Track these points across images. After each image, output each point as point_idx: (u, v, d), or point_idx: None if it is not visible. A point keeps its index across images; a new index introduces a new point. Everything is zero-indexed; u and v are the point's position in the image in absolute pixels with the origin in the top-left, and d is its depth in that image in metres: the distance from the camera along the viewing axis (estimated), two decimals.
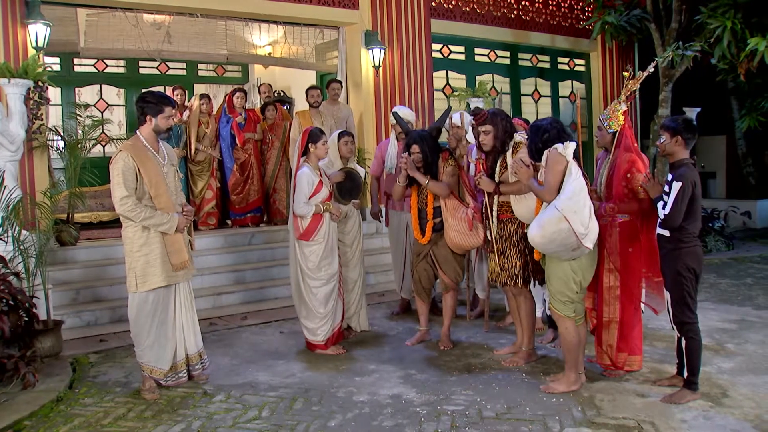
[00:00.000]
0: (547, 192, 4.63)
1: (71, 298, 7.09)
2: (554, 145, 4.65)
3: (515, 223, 5.28)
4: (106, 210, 9.70)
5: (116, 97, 11.26)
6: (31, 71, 6.89)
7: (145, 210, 4.71)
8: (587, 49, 13.00)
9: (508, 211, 5.29)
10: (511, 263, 5.30)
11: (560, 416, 4.41)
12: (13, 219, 5.80)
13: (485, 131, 5.17)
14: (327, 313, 5.87)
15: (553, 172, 4.62)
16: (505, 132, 5.19)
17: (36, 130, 7.30)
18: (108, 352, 6.09)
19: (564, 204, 4.51)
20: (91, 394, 5.04)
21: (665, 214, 4.53)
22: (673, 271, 4.61)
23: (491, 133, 5.17)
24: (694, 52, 10.37)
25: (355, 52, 10.09)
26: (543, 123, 4.81)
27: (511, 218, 5.29)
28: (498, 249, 5.37)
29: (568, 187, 4.55)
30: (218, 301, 7.63)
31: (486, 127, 5.17)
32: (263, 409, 4.67)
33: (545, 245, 4.65)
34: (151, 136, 4.87)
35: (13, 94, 6.73)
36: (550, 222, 4.53)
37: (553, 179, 4.62)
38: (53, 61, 9.91)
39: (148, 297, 4.83)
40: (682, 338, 4.64)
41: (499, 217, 5.33)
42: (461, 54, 11.59)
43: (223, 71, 12.32)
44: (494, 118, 5.16)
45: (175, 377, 5.00)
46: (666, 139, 4.65)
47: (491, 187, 5.23)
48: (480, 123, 5.20)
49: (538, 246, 4.74)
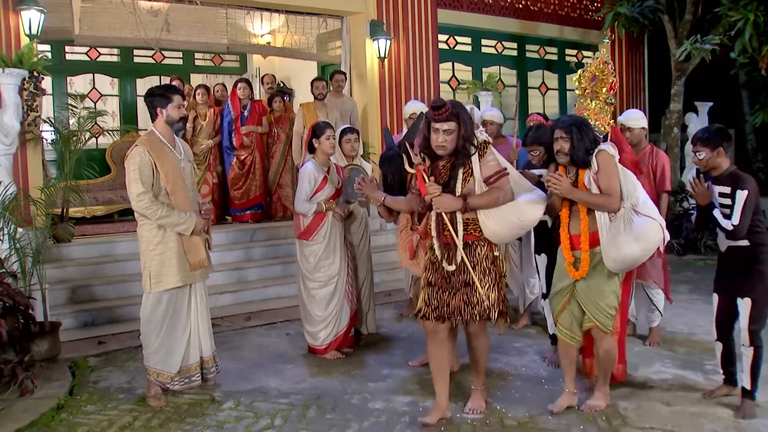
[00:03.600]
0: (615, 200, 4.26)
1: (67, 298, 6.97)
2: (600, 146, 4.34)
3: (484, 245, 4.30)
4: (99, 204, 9.62)
5: (110, 86, 11.15)
6: (26, 61, 6.76)
7: (161, 208, 4.62)
8: (596, 41, 12.89)
9: (476, 230, 4.26)
10: (483, 297, 4.23)
11: (585, 426, 4.33)
12: (9, 216, 5.67)
13: (447, 129, 4.11)
14: (327, 317, 5.75)
15: (613, 176, 4.29)
16: (471, 132, 4.24)
17: (31, 123, 7.16)
18: (108, 355, 5.97)
19: (656, 213, 4.30)
20: (93, 400, 4.92)
21: (734, 225, 4.31)
22: (761, 283, 4.39)
23: (455, 133, 4.13)
24: (713, 46, 10.29)
25: (359, 43, 9.98)
26: (581, 120, 4.45)
27: (479, 239, 4.28)
28: (461, 281, 4.29)
29: (641, 194, 4.31)
30: (219, 300, 7.51)
31: (450, 124, 4.11)
32: (275, 417, 4.57)
33: (640, 260, 4.34)
34: (167, 130, 4.78)
35: (8, 85, 6.58)
36: (652, 232, 4.22)
37: (616, 184, 4.29)
38: (44, 49, 9.72)
39: (162, 297, 4.73)
40: (751, 347, 4.43)
41: (463, 238, 4.25)
42: (468, 45, 11.50)
43: (220, 61, 12.19)
44: (460, 114, 4.15)
45: (187, 381, 4.90)
46: (706, 153, 4.41)
47: (457, 204, 4.17)
48: (441, 119, 4.09)
49: (634, 263, 4.35)
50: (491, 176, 4.19)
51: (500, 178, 4.20)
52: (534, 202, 4.32)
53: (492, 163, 4.22)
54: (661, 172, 5.90)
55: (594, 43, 12.98)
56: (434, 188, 4.16)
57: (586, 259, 4.36)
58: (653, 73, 13.60)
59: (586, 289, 4.43)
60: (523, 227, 4.40)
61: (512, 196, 4.24)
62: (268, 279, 8.16)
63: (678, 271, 8.68)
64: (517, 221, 4.26)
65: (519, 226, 4.32)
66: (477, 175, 4.19)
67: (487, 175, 4.19)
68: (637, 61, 13.36)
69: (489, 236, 4.26)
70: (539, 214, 4.33)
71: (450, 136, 4.11)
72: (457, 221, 4.21)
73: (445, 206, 4.16)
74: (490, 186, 4.19)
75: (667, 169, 5.91)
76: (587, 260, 4.36)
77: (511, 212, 4.22)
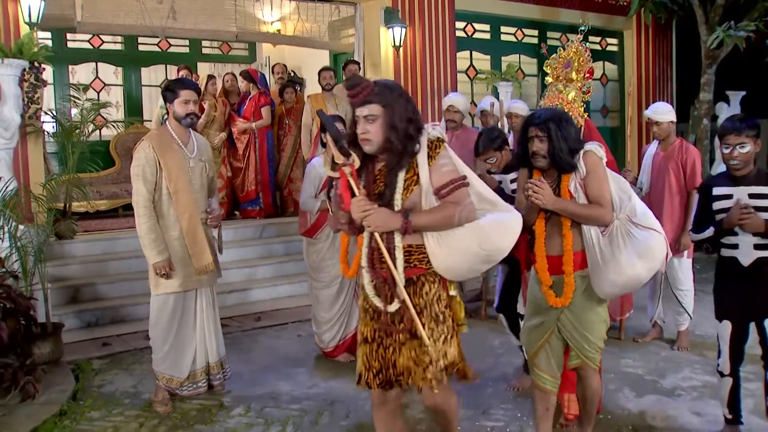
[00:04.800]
0: (608, 211, 3.65)
1: (70, 297, 6.99)
2: (586, 146, 3.70)
3: (435, 282, 3.26)
4: (103, 198, 9.62)
5: (113, 76, 11.14)
6: (27, 51, 6.74)
7: (149, 220, 4.61)
8: (621, 27, 12.79)
9: (422, 261, 3.23)
10: (434, 354, 3.17)
11: None
12: (9, 214, 5.67)
13: (369, 116, 3.13)
14: (331, 319, 5.75)
15: (604, 182, 3.68)
16: (410, 121, 3.15)
17: (32, 115, 7.16)
18: (113, 358, 5.99)
19: (658, 224, 3.72)
20: (98, 406, 4.93)
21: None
22: None
23: (379, 120, 3.12)
24: (748, 33, 10.15)
25: (373, 31, 9.92)
26: (560, 113, 3.75)
27: (427, 273, 3.25)
28: (403, 329, 3.23)
29: (637, 202, 3.76)
30: (228, 300, 7.51)
31: (371, 108, 3.12)
32: (287, 424, 4.57)
33: (644, 281, 3.75)
34: (179, 126, 4.76)
35: (7, 76, 6.55)
36: (659, 247, 3.64)
37: (608, 191, 3.68)
38: (44, 36, 9.76)
39: (168, 300, 4.73)
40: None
41: (405, 273, 3.21)
42: (486, 33, 11.41)
43: (228, 49, 12.18)
44: (387, 94, 3.14)
45: (193, 386, 4.90)
46: (751, 147, 3.90)
47: (394, 223, 3.12)
48: (358, 101, 3.16)
49: (637, 285, 3.79)
50: (444, 186, 3.17)
51: (456, 189, 3.17)
52: (504, 224, 3.30)
53: (446, 169, 3.20)
54: (692, 167, 5.83)
55: (619, 29, 12.87)
56: (362, 201, 3.12)
57: (570, 284, 3.68)
58: (682, 61, 13.46)
59: (573, 320, 3.77)
60: (488, 259, 3.31)
61: (473, 214, 3.22)
62: (279, 277, 8.16)
63: (707, 270, 8.57)
64: (479, 251, 3.23)
65: (481, 258, 3.27)
66: (424, 184, 3.16)
67: (440, 185, 3.17)
68: (664, 48, 13.23)
69: (440, 270, 3.25)
70: (511, 241, 3.31)
71: (374, 125, 3.12)
72: (396, 247, 3.17)
73: (378, 225, 3.11)
74: (442, 200, 3.18)
75: (698, 165, 5.84)
76: (572, 285, 3.68)
77: (471, 238, 3.20)
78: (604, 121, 13.07)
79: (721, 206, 3.99)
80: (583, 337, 3.77)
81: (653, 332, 6.21)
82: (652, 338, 6.17)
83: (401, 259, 3.18)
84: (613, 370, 5.41)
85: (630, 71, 12.91)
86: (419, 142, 3.20)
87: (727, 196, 3.97)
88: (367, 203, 3.11)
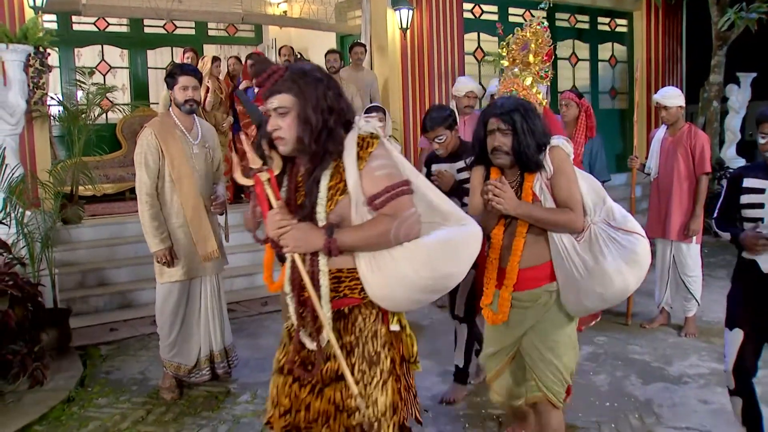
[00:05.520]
0: (579, 215, 3.17)
1: (77, 282, 7.03)
2: (552, 140, 3.23)
3: (371, 314, 2.61)
4: (110, 182, 9.63)
5: (119, 58, 11.10)
6: (31, 36, 6.72)
7: (152, 208, 4.60)
8: (630, 8, 12.68)
9: (355, 290, 2.58)
10: (361, 402, 2.56)
11: (616, 424, 4.32)
12: (16, 200, 5.68)
13: (279, 108, 2.50)
14: None
15: (574, 181, 3.21)
16: (328, 111, 2.51)
17: (38, 101, 7.15)
18: (120, 344, 6.02)
19: (640, 227, 3.30)
20: (105, 393, 4.96)
21: None
22: None
23: (291, 113, 2.49)
24: (760, 14, 10.04)
25: (380, 13, 9.86)
26: (525, 104, 3.27)
27: (361, 303, 2.60)
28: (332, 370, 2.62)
29: (614, 205, 3.32)
30: (234, 284, 7.53)
31: (281, 99, 2.50)
32: None
33: (631, 292, 3.31)
34: (182, 113, 4.73)
35: (12, 61, 6.55)
36: (645, 253, 3.23)
37: (578, 192, 3.21)
38: (50, 19, 9.72)
39: (173, 288, 4.73)
40: None
41: (333, 303, 2.58)
42: (494, 14, 11.31)
43: (234, 30, 12.11)
44: (300, 80, 2.49)
45: (198, 374, 4.91)
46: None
47: (316, 241, 2.48)
48: (267, 91, 2.52)
49: (623, 297, 3.33)
50: (379, 195, 2.49)
51: (395, 197, 2.49)
52: (456, 243, 2.59)
53: (381, 172, 2.51)
54: (701, 153, 5.80)
55: (628, 10, 12.75)
56: (278, 216, 2.51)
57: (505, 299, 3.24)
58: (692, 42, 13.35)
59: (539, 343, 3.28)
60: (433, 288, 2.60)
61: (416, 229, 2.52)
62: None
63: (716, 254, 8.56)
64: (420, 278, 2.52)
65: (424, 287, 2.56)
66: (353, 192, 2.50)
67: (373, 193, 2.49)
68: (674, 29, 13.10)
69: (376, 300, 2.59)
70: (465, 265, 2.62)
71: (285, 120, 2.50)
72: (321, 272, 2.55)
73: (297, 244, 2.48)
74: (377, 211, 2.51)
75: (706, 150, 5.81)
76: (507, 300, 3.24)
77: (411, 261, 2.50)
78: (612, 103, 13.00)
79: (750, 200, 3.53)
80: (548, 364, 3.27)
81: (660, 318, 6.20)
82: (659, 324, 6.17)
83: (326, 287, 2.55)
84: (620, 356, 5.43)
85: (639, 52, 12.80)
86: (338, 141, 2.53)
87: (759, 190, 3.50)
88: (285, 218, 2.50)
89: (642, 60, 12.68)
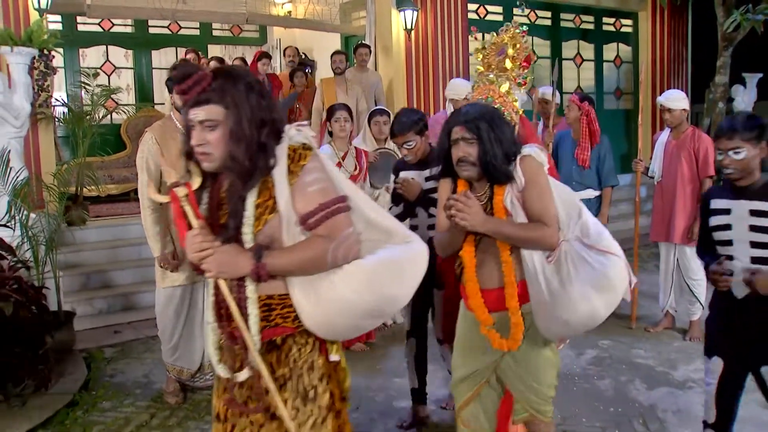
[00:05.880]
0: (553, 231, 2.89)
1: (81, 284, 7.04)
2: (523, 150, 2.99)
3: (308, 345, 2.39)
4: (114, 183, 9.64)
5: (123, 59, 11.11)
6: (36, 38, 6.72)
7: (154, 212, 4.60)
8: (636, 8, 12.65)
9: (288, 318, 2.35)
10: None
11: (620, 429, 4.31)
12: (20, 203, 5.69)
13: (206, 121, 2.26)
14: None
15: (547, 194, 2.95)
16: (262, 124, 2.28)
17: (42, 103, 7.16)
18: (124, 346, 6.04)
19: (617, 246, 2.98)
20: (109, 396, 4.98)
21: None
22: None
23: (221, 127, 2.26)
24: (766, 16, 10.01)
25: (384, 13, 9.83)
26: (493, 111, 3.03)
27: (295, 332, 2.37)
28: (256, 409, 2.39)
29: (590, 218, 3.02)
30: None
31: (209, 110, 2.26)
32: None
33: (602, 319, 2.98)
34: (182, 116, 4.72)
35: (17, 64, 6.55)
36: (619, 276, 2.91)
37: (552, 206, 2.94)
38: (55, 20, 9.75)
39: (174, 293, 4.72)
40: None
41: (263, 333, 2.34)
42: (499, 15, 11.29)
43: (239, 31, 12.13)
44: (231, 89, 2.26)
45: (201, 378, 4.92)
46: (748, 151, 3.11)
47: (243, 266, 2.24)
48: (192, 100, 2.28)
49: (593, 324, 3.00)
50: (312, 213, 2.29)
51: (330, 216, 2.30)
52: (400, 264, 2.40)
53: (315, 188, 2.30)
54: (704, 156, 5.80)
55: (634, 10, 12.72)
56: (199, 237, 2.27)
57: (519, 324, 2.95)
58: (697, 42, 13.32)
59: (517, 367, 3.06)
60: (378, 313, 2.45)
61: (355, 250, 2.33)
62: None
63: None
64: (363, 302, 2.34)
65: (367, 311, 2.38)
66: (284, 211, 2.28)
67: (306, 212, 2.29)
68: (680, 29, 13.07)
69: (312, 329, 2.37)
70: (411, 287, 2.44)
71: (214, 134, 2.26)
72: (248, 299, 2.31)
73: (221, 269, 2.26)
74: (311, 231, 2.31)
75: (710, 153, 5.79)
76: (520, 324, 2.96)
77: (352, 284, 2.31)
78: (617, 103, 12.98)
79: (718, 222, 3.26)
80: (530, 387, 3.06)
81: (665, 322, 6.19)
82: (663, 328, 6.16)
83: (256, 316, 2.31)
84: (625, 361, 5.42)
85: (644, 53, 12.77)
86: (270, 155, 2.29)
87: (725, 211, 3.24)
88: (206, 239, 2.25)
89: (647, 61, 12.63)
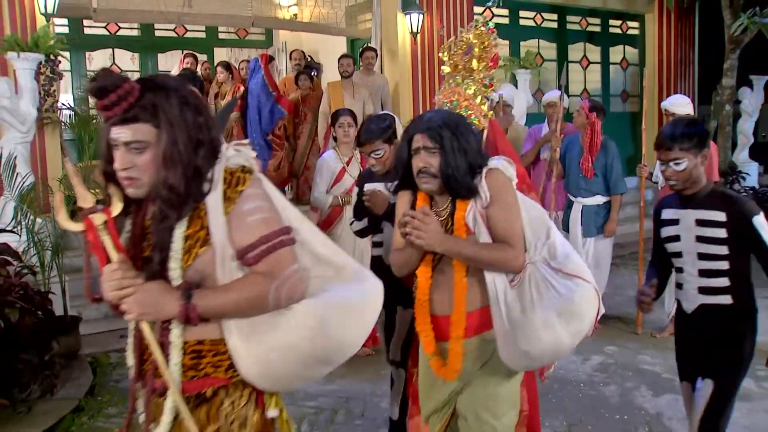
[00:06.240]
0: (519, 252, 2.64)
1: None
2: (490, 162, 2.72)
3: (242, 397, 2.07)
4: None
5: (130, 62, 11.14)
6: (42, 44, 6.75)
7: None
8: (642, 10, 12.63)
9: (220, 366, 2.03)
10: None
11: None
12: (27, 209, 5.71)
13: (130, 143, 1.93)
14: None
15: (514, 212, 2.69)
16: (201, 144, 1.98)
17: (48, 108, 7.18)
18: None
19: (586, 269, 2.73)
20: (115, 402, 4.99)
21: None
22: (734, 356, 3.07)
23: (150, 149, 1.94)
24: None
25: (390, 17, 9.85)
26: (457, 118, 2.79)
27: (228, 383, 2.05)
28: None
29: (558, 238, 2.76)
30: None
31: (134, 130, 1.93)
32: (302, 422, 4.60)
33: (568, 350, 2.71)
34: None
35: (23, 70, 6.59)
36: (587, 303, 2.65)
37: (519, 225, 2.69)
38: (61, 23, 9.78)
39: None
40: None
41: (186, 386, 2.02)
42: (505, 17, 11.29)
43: (245, 34, 12.14)
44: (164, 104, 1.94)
45: None
46: (689, 162, 3.01)
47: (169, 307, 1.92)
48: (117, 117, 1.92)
49: (557, 355, 2.77)
50: (252, 247, 1.98)
51: (272, 250, 1.99)
52: (353, 304, 2.14)
53: (255, 218, 1.99)
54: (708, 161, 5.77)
55: (640, 12, 12.70)
56: (119, 272, 1.93)
57: (456, 352, 2.70)
58: (704, 45, 13.28)
59: (473, 400, 2.78)
60: (327, 360, 2.13)
61: (301, 289, 2.03)
62: None
63: None
64: (311, 348, 2.05)
65: (315, 358, 2.09)
66: (218, 243, 1.96)
67: (244, 245, 1.98)
68: (687, 32, 13.04)
69: (250, 378, 2.05)
70: (365, 330, 2.19)
71: (142, 157, 1.94)
72: (172, 344, 2.00)
73: (143, 310, 1.93)
74: (250, 268, 2.00)
75: (714, 159, 5.79)
76: (458, 353, 2.70)
77: (302, 326, 2.02)
78: (623, 106, 12.96)
79: (668, 233, 3.18)
80: (484, 424, 2.74)
81: (671, 327, 6.16)
82: (669, 333, 6.12)
83: (178, 365, 1.99)
84: (630, 367, 5.41)
85: (651, 55, 12.76)
86: (207, 179, 1.98)
87: (674, 221, 3.16)
88: (126, 275, 1.93)
89: (654, 63, 12.63)
